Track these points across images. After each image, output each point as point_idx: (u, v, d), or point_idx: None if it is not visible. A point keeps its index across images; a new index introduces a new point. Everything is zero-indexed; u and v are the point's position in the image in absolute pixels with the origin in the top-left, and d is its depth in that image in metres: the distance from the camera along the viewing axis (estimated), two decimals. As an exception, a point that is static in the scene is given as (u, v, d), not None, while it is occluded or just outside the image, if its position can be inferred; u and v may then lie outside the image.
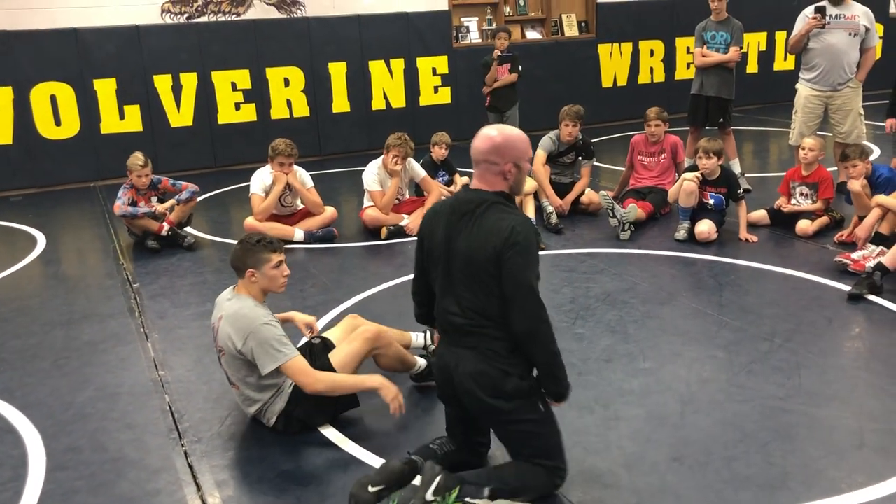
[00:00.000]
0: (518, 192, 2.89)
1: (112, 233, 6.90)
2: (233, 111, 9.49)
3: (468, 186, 2.92)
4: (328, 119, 9.95)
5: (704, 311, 4.66)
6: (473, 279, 2.76)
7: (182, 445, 3.44)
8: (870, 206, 5.34)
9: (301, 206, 6.53)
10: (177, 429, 3.58)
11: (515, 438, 2.92)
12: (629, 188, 6.85)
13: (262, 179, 6.27)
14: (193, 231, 6.68)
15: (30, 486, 3.17)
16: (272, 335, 3.28)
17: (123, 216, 6.27)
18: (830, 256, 5.36)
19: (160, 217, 6.30)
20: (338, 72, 9.88)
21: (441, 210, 2.90)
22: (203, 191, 7.84)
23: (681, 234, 5.96)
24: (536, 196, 6.54)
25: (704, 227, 5.86)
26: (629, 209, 6.14)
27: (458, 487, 2.75)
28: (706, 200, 5.99)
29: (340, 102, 9.98)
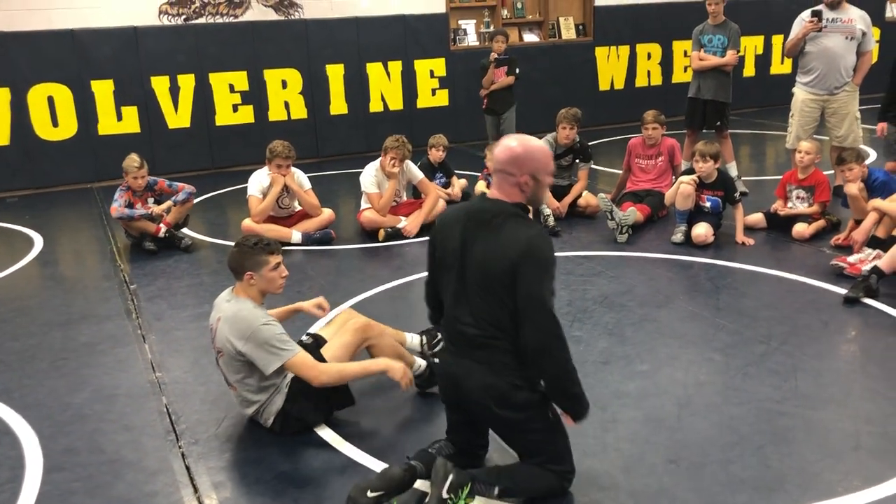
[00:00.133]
0: (537, 205, 2.84)
1: (109, 234, 6.89)
2: (230, 113, 9.49)
3: (485, 195, 2.87)
4: (326, 121, 9.95)
5: (701, 314, 4.68)
6: (488, 290, 2.72)
7: (179, 447, 3.44)
8: (866, 210, 5.36)
9: (298, 208, 6.53)
10: (174, 430, 3.58)
11: (525, 446, 2.91)
12: (626, 191, 6.86)
13: (260, 181, 6.27)
14: (190, 232, 6.68)
15: (27, 488, 3.16)
16: (272, 334, 3.28)
17: (120, 218, 6.27)
18: (827, 260, 5.38)
19: (157, 219, 6.30)
20: (335, 74, 9.88)
21: (456, 217, 2.85)
22: (200, 192, 7.84)
23: (677, 237, 5.97)
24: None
25: (701, 230, 5.87)
26: (629, 212, 6.14)
27: (470, 484, 2.75)
28: (703, 203, 6.00)
29: (338, 104, 9.98)
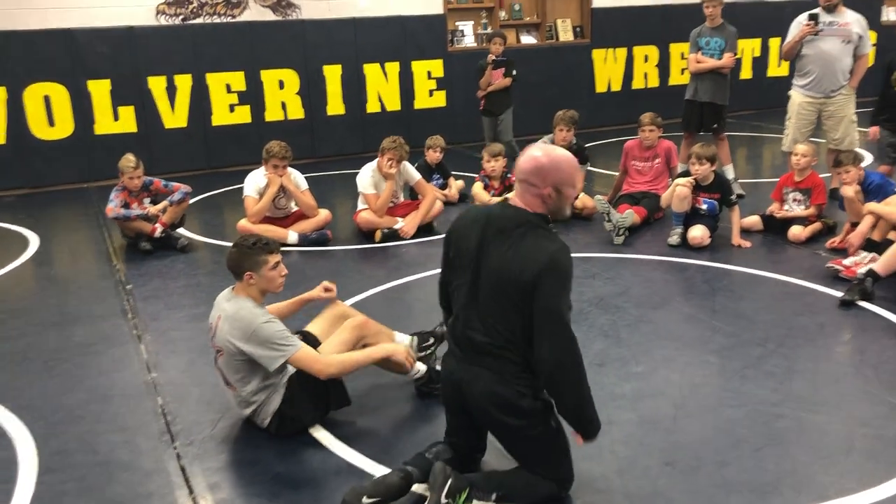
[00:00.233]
0: (560, 217, 2.78)
1: (105, 234, 6.88)
2: (227, 113, 9.48)
3: (508, 201, 2.83)
4: (323, 121, 9.95)
5: (697, 316, 4.68)
6: (502, 298, 2.69)
7: (174, 448, 3.43)
8: (862, 212, 5.37)
9: (295, 209, 6.53)
10: (169, 431, 3.57)
11: (525, 453, 2.90)
12: (623, 193, 6.86)
13: (256, 181, 6.27)
14: (187, 233, 6.67)
15: (20, 489, 3.15)
16: (273, 331, 3.28)
17: (116, 218, 6.26)
18: (823, 262, 5.39)
19: (153, 219, 6.30)
20: (333, 74, 9.88)
21: (475, 219, 2.81)
22: (196, 193, 7.82)
23: (674, 240, 5.97)
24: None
25: (697, 233, 5.88)
26: (626, 214, 6.14)
27: (468, 489, 2.75)
28: (699, 206, 6.01)
29: (335, 105, 9.98)
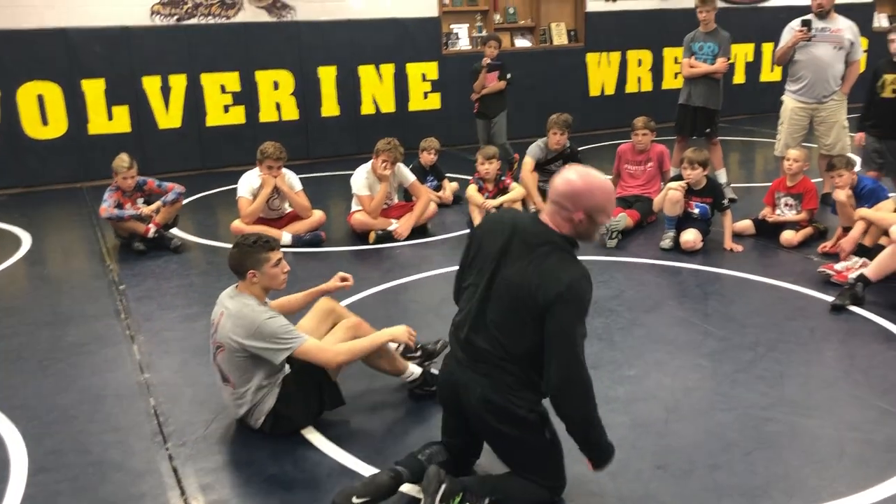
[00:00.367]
0: (586, 241, 2.74)
1: (98, 234, 6.86)
2: (221, 114, 9.46)
3: (538, 216, 2.80)
4: (317, 123, 9.94)
5: (689, 320, 4.70)
6: (513, 313, 2.69)
7: (167, 449, 3.43)
8: (854, 217, 5.41)
9: (289, 210, 6.52)
10: (161, 432, 3.56)
11: (518, 461, 2.90)
12: (616, 196, 6.85)
13: (250, 182, 6.26)
14: (180, 233, 6.66)
15: (11, 489, 3.15)
16: (277, 326, 3.31)
17: (109, 218, 6.25)
18: (814, 267, 5.42)
19: (146, 219, 6.28)
20: (327, 76, 9.88)
21: (503, 225, 2.79)
22: (190, 193, 7.81)
23: (666, 243, 5.99)
24: (524, 203, 6.56)
25: (690, 237, 5.90)
26: (619, 218, 6.16)
27: (462, 493, 2.75)
28: (691, 210, 6.03)
29: (330, 106, 9.98)
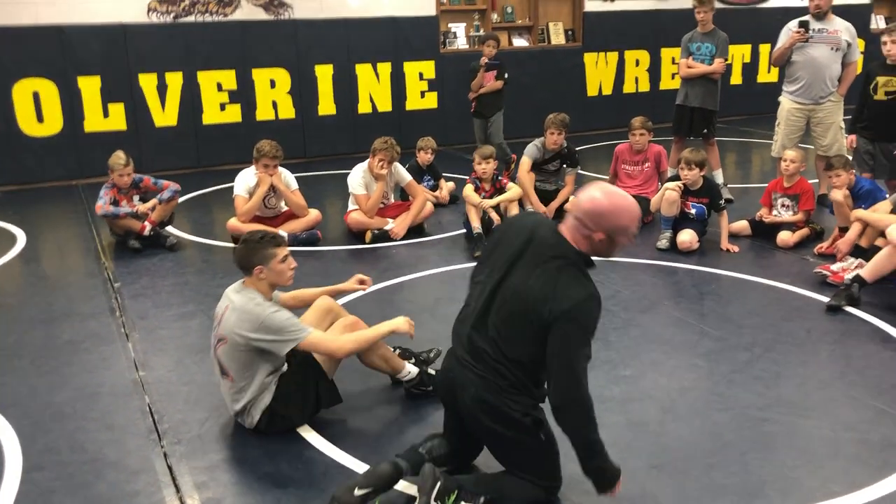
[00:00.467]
0: (604, 256, 2.71)
1: (93, 232, 6.84)
2: (218, 112, 9.45)
3: (557, 227, 2.74)
4: (314, 121, 9.93)
5: (686, 320, 4.70)
6: (514, 321, 2.69)
7: (162, 447, 3.42)
8: (850, 217, 5.42)
9: (285, 209, 6.51)
10: (156, 430, 3.56)
11: (514, 460, 2.90)
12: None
13: (246, 181, 6.25)
14: (176, 231, 6.64)
15: (5, 487, 3.13)
16: (283, 319, 3.33)
17: (105, 216, 6.23)
18: (810, 268, 5.42)
19: (142, 217, 6.27)
20: (324, 74, 9.86)
21: (525, 227, 2.78)
22: (186, 191, 7.80)
23: (662, 243, 6.00)
24: (521, 203, 6.56)
25: (686, 237, 5.91)
26: None
27: (457, 492, 2.75)
28: (688, 210, 6.03)
29: (326, 105, 9.96)
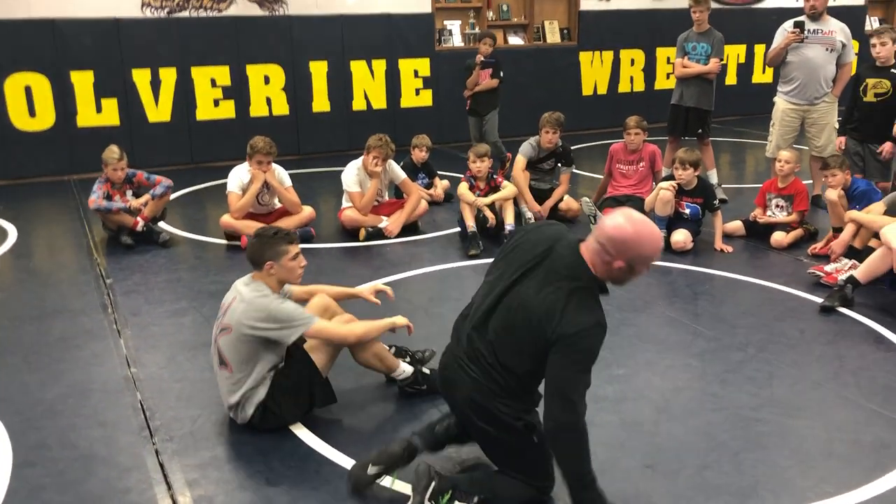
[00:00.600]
0: (619, 284, 2.67)
1: (86, 227, 6.81)
2: (211, 108, 9.41)
3: (578, 246, 2.67)
4: (308, 118, 9.90)
5: (679, 320, 4.70)
6: (515, 330, 2.67)
7: (153, 444, 3.40)
8: (843, 217, 5.43)
9: (278, 206, 6.49)
10: (148, 427, 3.54)
11: (505, 460, 2.91)
12: (607, 196, 6.87)
13: (240, 177, 6.22)
14: (168, 227, 6.62)
15: (-4, 483, 3.12)
16: (290, 309, 3.36)
17: (98, 210, 6.20)
18: (804, 268, 5.44)
19: (135, 212, 6.24)
20: (319, 71, 9.83)
21: (546, 239, 2.74)
22: (179, 187, 7.77)
23: (657, 243, 5.99)
24: (516, 201, 6.55)
25: (680, 237, 5.91)
26: None
27: (451, 491, 2.78)
28: (682, 210, 6.04)
29: (321, 102, 9.93)
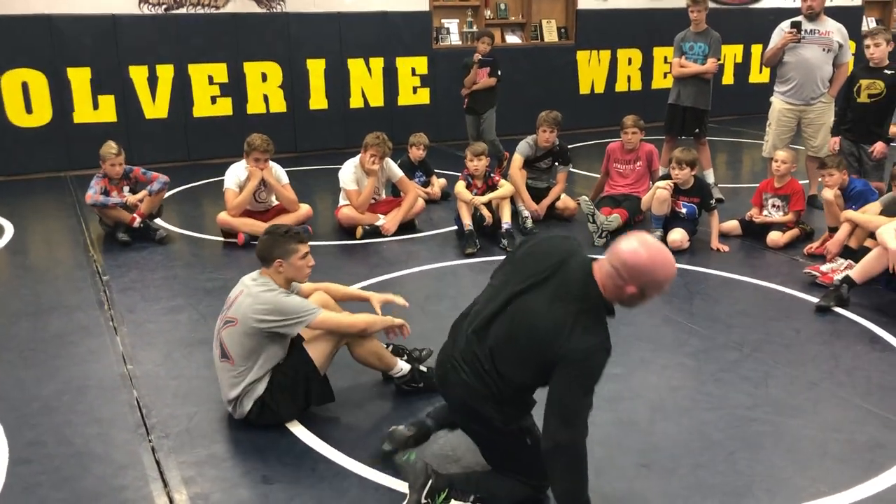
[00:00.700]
0: (629, 307, 2.65)
1: (82, 224, 6.80)
2: (209, 105, 9.40)
3: (592, 267, 2.65)
4: (305, 116, 9.89)
5: (675, 319, 4.71)
6: (516, 341, 2.64)
7: (149, 441, 3.40)
8: (839, 217, 5.45)
9: (275, 203, 6.48)
10: (144, 424, 3.54)
11: (500, 462, 2.91)
12: (604, 195, 6.88)
13: (237, 174, 6.22)
14: (165, 224, 6.61)
15: (-8, 480, 3.12)
16: (297, 302, 3.41)
17: (95, 205, 6.19)
18: (800, 268, 5.45)
19: (132, 208, 6.24)
20: (316, 68, 9.83)
21: (559, 253, 2.72)
22: (176, 184, 7.76)
23: (653, 242, 6.00)
24: (512, 200, 6.55)
25: (677, 236, 5.92)
26: (612, 218, 6.17)
27: (448, 490, 2.79)
28: (679, 209, 6.05)
29: (318, 99, 9.93)
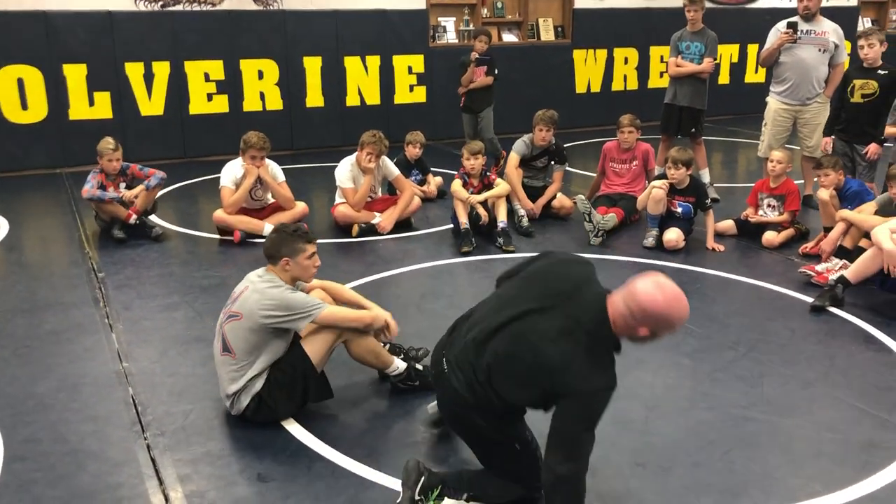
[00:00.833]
0: (637, 343, 2.64)
1: (78, 221, 6.78)
2: (205, 102, 9.38)
3: (606, 299, 2.62)
4: (301, 113, 9.88)
5: (671, 319, 4.71)
6: (519, 365, 2.62)
7: (145, 438, 3.40)
8: (834, 217, 5.46)
9: (271, 201, 6.47)
10: (140, 421, 3.53)
11: (491, 463, 2.92)
12: (600, 194, 6.89)
13: (233, 172, 6.21)
14: (161, 222, 6.60)
15: (-14, 477, 3.11)
16: (302, 298, 3.44)
17: (91, 199, 6.18)
18: (795, 268, 5.46)
19: (128, 204, 6.22)
20: (313, 66, 9.81)
21: (575, 278, 2.75)
22: (172, 182, 7.75)
23: (649, 242, 6.02)
24: (509, 199, 6.56)
25: (672, 235, 5.93)
26: (609, 217, 6.18)
27: (440, 487, 2.80)
28: (674, 209, 6.05)
29: (314, 97, 9.91)
